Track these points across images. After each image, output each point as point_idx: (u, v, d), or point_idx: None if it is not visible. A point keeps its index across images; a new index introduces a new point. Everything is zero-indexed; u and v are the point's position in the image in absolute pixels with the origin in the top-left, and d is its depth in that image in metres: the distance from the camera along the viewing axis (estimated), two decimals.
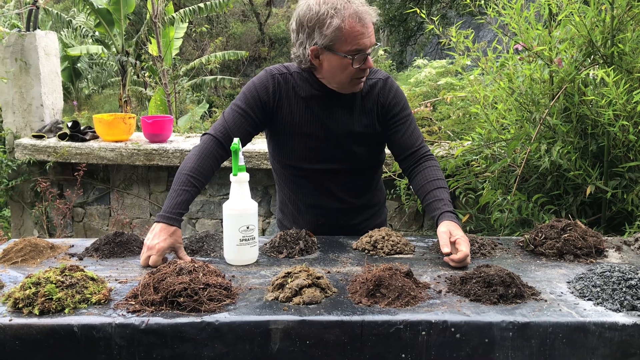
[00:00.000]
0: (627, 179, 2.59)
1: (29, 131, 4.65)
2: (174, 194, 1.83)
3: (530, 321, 1.32)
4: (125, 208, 4.55)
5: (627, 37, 2.55)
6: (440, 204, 1.89)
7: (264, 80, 2.02)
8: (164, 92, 7.20)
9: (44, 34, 4.69)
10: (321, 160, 2.06)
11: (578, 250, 1.78)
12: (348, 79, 1.92)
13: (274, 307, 1.39)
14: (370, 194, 2.22)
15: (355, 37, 1.83)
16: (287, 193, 2.19)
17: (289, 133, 2.04)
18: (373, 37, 1.88)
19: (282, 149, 2.08)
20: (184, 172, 1.87)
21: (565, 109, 2.75)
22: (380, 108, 2.04)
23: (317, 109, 2.01)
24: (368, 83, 2.04)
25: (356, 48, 1.84)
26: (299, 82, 2.02)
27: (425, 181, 1.97)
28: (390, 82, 2.08)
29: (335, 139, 2.03)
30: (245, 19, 19.69)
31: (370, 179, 2.20)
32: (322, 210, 2.14)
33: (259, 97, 2.00)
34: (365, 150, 2.08)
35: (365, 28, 1.83)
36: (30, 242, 1.81)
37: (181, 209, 1.80)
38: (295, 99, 2.01)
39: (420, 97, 4.87)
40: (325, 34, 1.84)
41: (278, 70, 2.05)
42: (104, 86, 16.94)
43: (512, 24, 2.80)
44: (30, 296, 1.37)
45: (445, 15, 13.90)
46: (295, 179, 2.13)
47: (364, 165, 2.13)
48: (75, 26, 10.16)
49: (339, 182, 2.11)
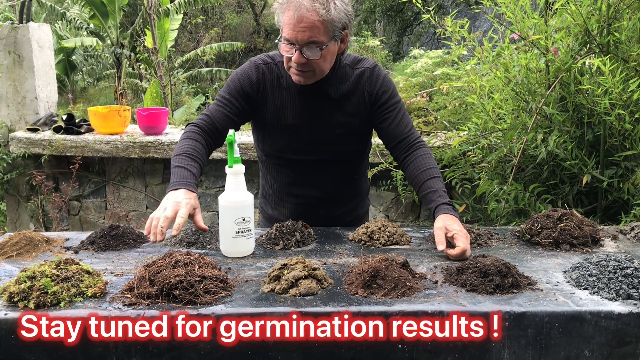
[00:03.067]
0: (623, 168, 2.60)
1: (24, 124, 4.63)
2: (180, 169, 1.78)
3: (526, 311, 1.33)
4: (121, 201, 4.54)
5: (623, 26, 2.55)
6: (435, 195, 1.88)
7: (247, 71, 2.02)
8: (159, 84, 7.17)
9: (37, 26, 4.66)
10: (304, 151, 2.05)
11: (574, 240, 1.79)
12: (286, 66, 1.93)
13: (270, 299, 1.39)
14: (354, 186, 2.22)
15: (286, 24, 1.82)
16: (270, 180, 2.19)
17: (272, 123, 2.03)
18: (304, 33, 1.80)
19: (266, 138, 2.08)
20: (181, 153, 1.84)
21: (562, 98, 2.75)
22: (368, 97, 2.02)
23: (300, 99, 2.00)
24: (355, 72, 2.03)
25: (285, 36, 1.84)
26: (283, 72, 2.00)
27: (418, 171, 1.95)
28: (378, 70, 2.05)
29: (319, 130, 2.02)
30: (240, 10, 19.59)
31: (353, 170, 2.19)
32: (303, 199, 2.14)
33: (242, 87, 2.00)
34: (349, 140, 2.07)
35: (296, 21, 1.79)
36: (26, 236, 1.80)
37: (194, 179, 1.77)
38: (279, 89, 2.01)
39: (417, 87, 4.86)
40: (277, 13, 1.86)
41: (262, 60, 2.04)
42: (99, 79, 16.86)
43: (508, 13, 2.79)
44: (25, 290, 1.36)
45: (442, 5, 13.85)
46: (279, 167, 2.12)
47: (347, 156, 2.13)
48: (69, 18, 10.09)
49: (322, 172, 2.10)
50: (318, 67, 1.89)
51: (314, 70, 1.90)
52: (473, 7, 2.97)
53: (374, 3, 14.93)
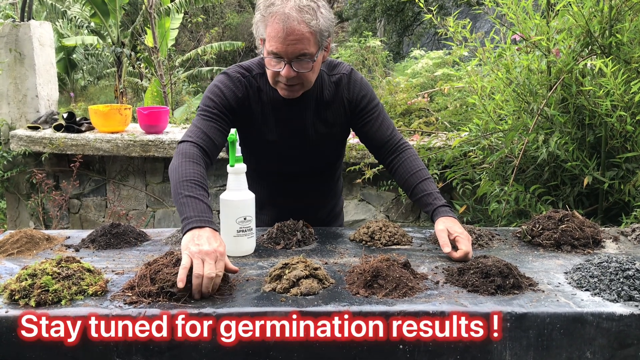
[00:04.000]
0: (624, 169, 2.59)
1: (24, 122, 4.62)
2: (194, 200, 1.59)
3: (527, 312, 1.32)
4: (122, 199, 4.53)
5: (625, 27, 2.55)
6: (430, 198, 1.87)
7: (231, 86, 1.90)
8: (159, 83, 7.17)
9: (39, 24, 4.65)
10: (286, 164, 2.03)
11: (575, 241, 1.78)
12: (272, 81, 1.84)
13: (271, 298, 1.39)
14: (331, 189, 2.22)
15: (272, 38, 1.72)
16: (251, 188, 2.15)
17: (254, 138, 1.97)
18: (294, 47, 1.71)
19: (247, 152, 1.95)
20: (191, 179, 1.65)
21: (563, 100, 2.74)
22: (348, 104, 1.98)
23: (281, 112, 1.94)
24: (331, 80, 1.97)
25: (272, 50, 1.74)
26: (261, 85, 1.93)
27: (408, 174, 1.94)
28: (354, 75, 2.00)
29: (300, 143, 1.98)
30: (241, 9, 19.58)
31: (331, 175, 2.18)
32: (284, 207, 2.07)
33: (229, 103, 1.88)
34: (330, 149, 2.06)
35: (283, 33, 1.70)
36: (26, 234, 1.80)
37: (211, 213, 1.62)
38: (260, 103, 1.93)
39: (417, 88, 4.86)
40: (259, 26, 1.77)
41: (241, 73, 1.93)
42: (99, 77, 16.86)
43: (510, 14, 2.79)
44: (26, 288, 1.36)
45: (443, 6, 13.85)
46: (258, 179, 2.06)
47: (326, 164, 2.12)
48: (70, 17, 10.09)
49: (303, 182, 2.08)
50: (307, 79, 1.82)
51: (302, 83, 1.82)
52: (475, 7, 2.96)
53: (374, 2, 14.91)
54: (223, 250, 1.46)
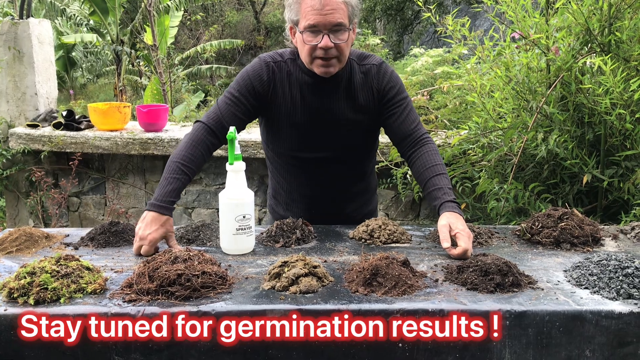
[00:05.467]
0: (624, 167, 2.59)
1: (23, 120, 4.62)
2: (164, 182, 1.82)
3: (527, 310, 1.32)
4: (121, 197, 4.53)
5: (624, 25, 2.54)
6: (440, 192, 1.87)
7: (257, 69, 2.00)
8: (159, 81, 7.16)
9: (38, 22, 4.64)
10: (315, 149, 2.05)
11: (575, 239, 1.78)
12: (309, 58, 1.91)
13: (270, 297, 1.39)
14: (364, 182, 2.22)
15: (308, 12, 1.82)
16: (280, 181, 2.18)
17: (282, 121, 2.02)
18: (332, 15, 1.82)
19: (276, 137, 2.07)
20: (175, 160, 1.87)
21: (562, 98, 2.74)
22: (377, 93, 2.02)
23: (310, 96, 2.00)
24: (362, 69, 2.02)
25: (309, 24, 1.82)
26: (292, 69, 2.00)
27: (424, 168, 1.94)
28: (385, 66, 2.05)
29: (329, 127, 2.02)
30: (240, 7, 19.56)
31: (364, 167, 2.19)
32: (315, 198, 2.13)
33: (253, 86, 1.98)
34: (359, 137, 2.07)
35: (321, 5, 1.80)
36: (25, 232, 1.80)
37: (172, 197, 1.80)
38: (289, 86, 2.00)
39: (417, 86, 4.85)
40: (292, 8, 1.87)
41: (272, 57, 2.03)
42: (99, 75, 16.85)
43: (509, 12, 2.78)
44: (25, 286, 1.36)
45: (442, 4, 13.83)
46: (289, 167, 2.12)
47: (357, 153, 2.13)
48: (69, 14, 10.07)
49: (333, 170, 2.10)
50: (342, 53, 1.90)
51: (338, 56, 1.89)
52: (474, 5, 2.96)
53: (374, 2, 14.91)
54: (155, 236, 1.71)
